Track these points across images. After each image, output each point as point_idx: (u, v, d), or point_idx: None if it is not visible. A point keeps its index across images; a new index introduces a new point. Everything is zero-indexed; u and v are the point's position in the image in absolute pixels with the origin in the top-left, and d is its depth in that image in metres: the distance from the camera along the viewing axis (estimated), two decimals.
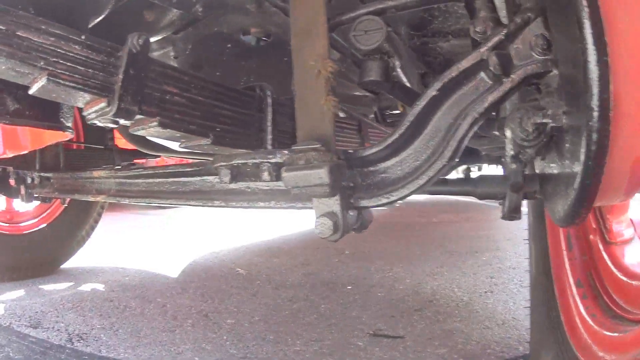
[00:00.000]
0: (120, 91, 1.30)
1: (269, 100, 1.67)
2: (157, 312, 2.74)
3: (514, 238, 4.77)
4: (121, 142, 3.61)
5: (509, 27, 1.14)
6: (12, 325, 2.57)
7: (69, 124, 2.25)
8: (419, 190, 1.24)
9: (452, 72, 1.19)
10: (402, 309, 2.63)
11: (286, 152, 1.31)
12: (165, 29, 1.95)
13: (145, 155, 3.69)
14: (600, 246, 1.73)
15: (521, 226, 5.32)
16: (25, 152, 2.80)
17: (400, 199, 1.25)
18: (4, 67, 1.20)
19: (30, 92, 1.27)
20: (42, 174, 3.06)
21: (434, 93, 1.21)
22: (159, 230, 6.55)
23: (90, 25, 1.76)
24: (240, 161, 1.40)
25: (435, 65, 2.12)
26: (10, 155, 2.72)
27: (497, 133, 1.37)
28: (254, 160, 1.37)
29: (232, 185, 1.52)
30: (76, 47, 1.29)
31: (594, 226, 1.75)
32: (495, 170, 6.82)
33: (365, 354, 2.08)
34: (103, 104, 1.30)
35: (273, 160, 1.34)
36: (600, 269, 1.69)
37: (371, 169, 1.31)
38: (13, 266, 3.59)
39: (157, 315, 2.67)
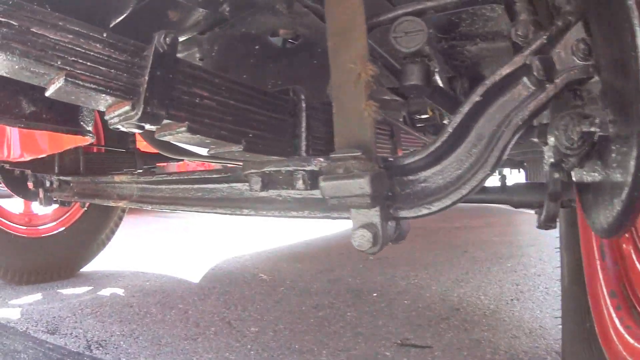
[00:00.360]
0: (146, 93, 1.22)
1: (303, 105, 1.60)
2: (178, 318, 2.70)
3: (537, 244, 4.68)
4: (142, 144, 3.58)
5: (551, 31, 1.09)
6: (28, 331, 2.53)
7: (90, 128, 2.18)
8: (461, 201, 1.19)
9: (496, 77, 1.14)
10: (429, 317, 2.58)
11: (322, 159, 1.25)
12: (190, 29, 1.88)
13: (167, 159, 3.65)
14: (634, 256, 1.67)
15: (543, 232, 5.27)
16: (44, 155, 2.73)
17: (442, 209, 1.20)
18: (17, 67, 1.11)
19: (47, 94, 1.18)
20: (61, 177, 3.02)
21: (477, 99, 1.15)
22: (180, 234, 6.53)
23: (111, 25, 1.70)
24: (272, 169, 1.34)
25: (462, 69, 2.06)
26: (28, 158, 2.65)
27: (536, 140, 1.30)
28: (288, 168, 1.31)
29: (263, 194, 1.46)
30: (97, 45, 1.20)
31: (627, 235, 1.70)
32: (518, 175, 6.80)
33: None
34: (127, 108, 1.22)
35: (308, 169, 1.28)
36: (633, 280, 1.64)
37: (411, 177, 1.25)
38: (30, 269, 3.57)
39: (178, 322, 2.63)
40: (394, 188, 1.24)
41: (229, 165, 3.56)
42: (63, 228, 3.81)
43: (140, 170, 3.42)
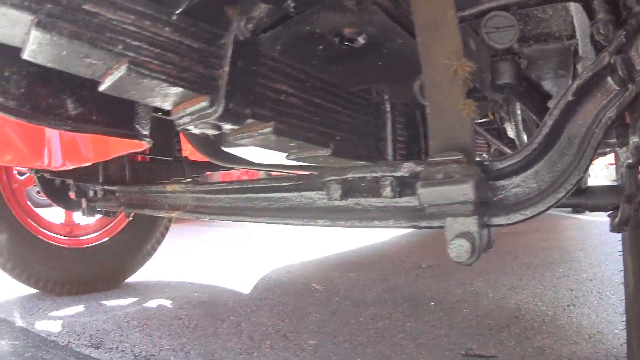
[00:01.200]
0: (227, 87, 1.09)
1: (388, 106, 1.51)
2: (231, 331, 2.62)
3: (585, 249, 4.66)
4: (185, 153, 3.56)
5: (628, 30, 1.04)
6: (70, 345, 2.47)
7: (146, 132, 2.01)
8: (556, 205, 1.12)
9: (584, 76, 1.08)
10: (489, 325, 2.52)
11: (414, 164, 1.17)
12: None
13: (217, 168, 3.61)
14: None
15: (590, 236, 5.31)
16: (88, 164, 2.63)
17: (536, 215, 1.13)
18: (64, 53, 0.95)
19: (102, 88, 1.04)
20: (106, 187, 2.96)
21: (570, 98, 1.09)
22: (226, 244, 6.50)
23: None
24: (357, 175, 1.26)
25: None
26: (70, 167, 2.56)
27: (613, 140, 1.24)
28: (375, 174, 1.23)
29: (339, 203, 1.38)
30: (166, 29, 1.06)
31: None
32: None
33: None
34: (204, 104, 1.09)
35: (398, 174, 1.19)
36: None
37: (504, 182, 1.17)
38: (72, 280, 3.54)
39: (231, 335, 2.55)
40: (487, 194, 1.16)
41: (273, 173, 3.51)
42: (107, 238, 3.78)
43: (189, 180, 3.37)
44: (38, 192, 3.63)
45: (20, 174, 3.68)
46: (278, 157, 2.34)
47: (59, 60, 0.96)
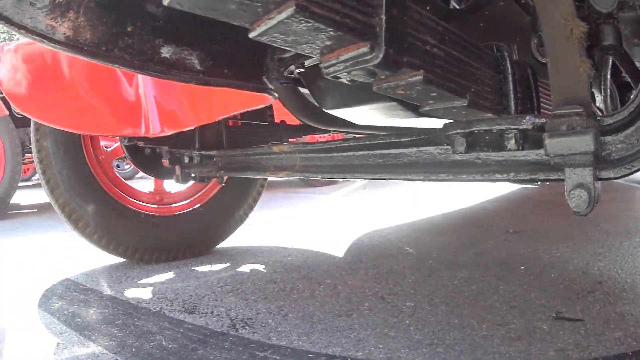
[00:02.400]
0: (386, 34, 1.11)
1: (509, 61, 1.59)
2: (328, 294, 2.71)
3: None
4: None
5: None
6: (163, 311, 2.53)
7: (273, 86, 2.04)
8: None
9: None
10: (576, 290, 2.58)
11: (533, 117, 1.28)
12: None
13: (313, 130, 3.68)
14: None
15: None
16: (189, 128, 2.74)
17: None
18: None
19: (253, 34, 1.00)
20: (203, 152, 3.06)
21: None
22: (315, 209, 6.60)
23: None
24: (483, 128, 1.36)
25: None
26: (169, 132, 2.64)
27: None
28: (500, 127, 1.33)
29: (458, 157, 1.48)
30: None
31: None
32: None
33: (551, 338, 2.02)
34: (363, 50, 1.09)
35: (522, 127, 1.30)
36: None
37: (610, 138, 1.27)
38: (161, 248, 3.65)
39: (328, 298, 2.64)
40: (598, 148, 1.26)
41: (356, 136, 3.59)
42: (198, 205, 3.89)
43: (287, 143, 3.45)
44: (117, 166, 3.71)
45: (107, 146, 3.80)
46: (379, 119, 2.43)
47: (210, 3, 0.93)
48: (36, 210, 7.41)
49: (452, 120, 1.50)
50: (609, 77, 2.16)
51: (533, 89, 1.62)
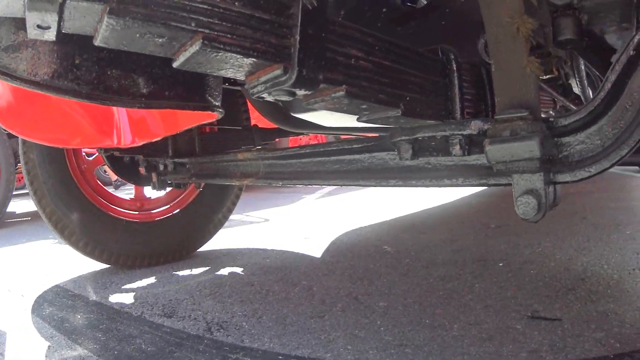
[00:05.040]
0: (299, 55, 1.14)
1: (454, 65, 1.54)
2: (303, 295, 2.70)
3: None
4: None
5: None
6: (144, 315, 2.56)
7: (218, 102, 2.08)
8: (619, 162, 1.15)
9: None
10: (556, 287, 2.52)
11: (481, 122, 1.22)
12: None
13: (287, 134, 3.67)
14: None
15: None
16: (158, 139, 2.73)
17: (601, 172, 1.17)
18: (138, 35, 1.00)
19: (176, 64, 1.10)
20: (176, 159, 3.05)
21: (631, 53, 1.11)
22: (294, 209, 6.59)
23: None
24: (426, 134, 1.31)
25: None
26: (140, 143, 2.66)
27: None
28: (444, 133, 1.28)
29: (409, 162, 1.43)
30: (236, 3, 1.10)
31: None
32: None
33: (525, 339, 1.97)
34: (278, 72, 1.14)
35: (466, 133, 1.25)
36: None
37: (568, 139, 1.21)
38: (144, 253, 3.66)
39: (303, 300, 2.62)
40: (551, 150, 1.20)
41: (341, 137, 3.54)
42: (178, 210, 3.88)
43: (259, 147, 3.44)
44: (104, 172, 3.72)
45: (89, 155, 3.79)
46: (346, 121, 2.40)
47: (133, 42, 1.03)
48: (29, 218, 7.46)
49: (397, 127, 1.47)
50: (582, 68, 2.10)
51: (488, 90, 1.57)
